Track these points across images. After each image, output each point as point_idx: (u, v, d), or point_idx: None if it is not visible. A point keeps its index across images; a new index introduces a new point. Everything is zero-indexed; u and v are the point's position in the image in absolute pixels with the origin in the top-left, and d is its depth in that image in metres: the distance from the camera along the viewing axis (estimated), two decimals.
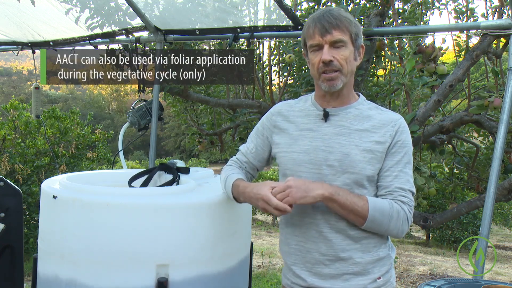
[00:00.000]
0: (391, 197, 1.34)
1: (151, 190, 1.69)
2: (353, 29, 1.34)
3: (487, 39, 2.52)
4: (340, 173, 1.35)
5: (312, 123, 1.42)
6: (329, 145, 1.37)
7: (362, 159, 1.34)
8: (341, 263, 1.37)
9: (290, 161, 1.42)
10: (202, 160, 22.39)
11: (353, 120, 1.39)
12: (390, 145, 1.36)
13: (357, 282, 1.37)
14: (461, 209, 3.03)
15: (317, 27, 1.32)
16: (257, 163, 1.57)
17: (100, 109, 36.55)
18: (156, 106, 3.28)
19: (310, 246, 1.40)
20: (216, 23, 3.02)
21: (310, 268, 1.40)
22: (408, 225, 1.35)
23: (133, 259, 1.39)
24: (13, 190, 1.88)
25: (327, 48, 1.32)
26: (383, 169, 1.36)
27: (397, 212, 1.31)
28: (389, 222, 1.31)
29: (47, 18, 3.18)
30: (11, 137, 5.04)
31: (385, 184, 1.36)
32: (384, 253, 1.41)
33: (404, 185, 1.35)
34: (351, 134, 1.37)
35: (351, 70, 1.38)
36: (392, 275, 1.45)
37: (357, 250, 1.37)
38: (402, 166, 1.36)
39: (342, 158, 1.34)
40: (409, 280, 5.04)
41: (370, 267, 1.38)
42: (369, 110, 1.41)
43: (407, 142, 1.38)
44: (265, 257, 5.78)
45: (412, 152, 1.41)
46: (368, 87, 3.17)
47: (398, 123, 1.38)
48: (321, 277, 1.39)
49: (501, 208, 9.36)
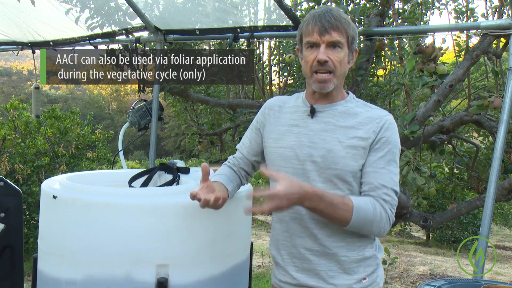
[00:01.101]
0: (374, 194, 1.33)
1: (151, 190, 1.69)
2: (351, 32, 1.35)
3: (487, 39, 2.52)
4: (323, 169, 1.35)
5: (299, 119, 1.43)
6: (313, 141, 1.37)
7: (345, 155, 1.33)
8: (325, 259, 1.38)
9: (276, 157, 1.43)
10: (202, 160, 22.37)
11: (339, 117, 1.39)
12: (374, 141, 1.34)
13: (343, 281, 1.37)
14: (461, 209, 3.03)
15: (316, 25, 1.32)
16: (252, 158, 1.56)
17: (100, 109, 36.54)
18: (156, 106, 3.28)
19: (297, 242, 1.41)
20: (216, 23, 3.02)
21: (297, 263, 1.42)
22: (390, 224, 1.34)
23: (133, 259, 1.39)
24: (13, 190, 1.88)
25: (324, 48, 1.32)
26: (366, 164, 1.35)
27: (380, 214, 1.31)
28: (372, 225, 1.31)
29: (47, 18, 3.18)
30: (11, 137, 5.04)
31: (367, 180, 1.35)
32: (369, 253, 1.41)
33: (387, 183, 1.33)
34: (335, 131, 1.37)
35: (343, 73, 1.38)
36: (379, 276, 1.44)
37: (342, 248, 1.37)
38: (385, 163, 1.34)
39: (325, 154, 1.35)
40: (409, 280, 5.04)
41: (355, 266, 1.38)
42: (357, 108, 1.41)
43: (392, 139, 1.36)
44: (265, 257, 5.78)
45: (398, 151, 1.38)
46: (368, 87, 3.17)
47: (384, 119, 1.36)
48: (307, 273, 1.40)
49: (501, 208, 9.36)
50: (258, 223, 9.86)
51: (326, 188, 1.35)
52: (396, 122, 1.48)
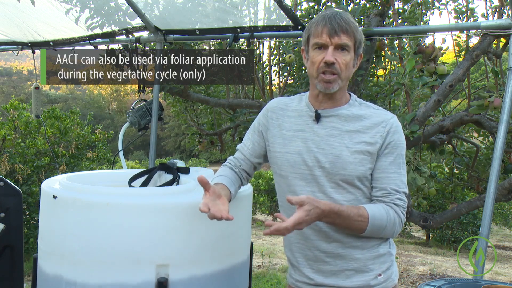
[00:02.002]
0: (388, 200, 1.36)
1: (151, 190, 1.69)
2: (358, 37, 1.36)
3: (487, 39, 2.52)
4: (332, 174, 1.36)
5: (304, 124, 1.43)
6: (320, 146, 1.38)
7: (353, 160, 1.35)
8: (341, 260, 1.39)
9: (284, 162, 1.44)
10: (202, 160, 22.40)
11: (344, 121, 1.39)
12: (382, 146, 1.36)
13: (359, 278, 1.39)
14: (461, 209, 3.03)
15: (326, 26, 1.32)
16: (254, 160, 1.56)
17: (100, 109, 36.54)
18: (156, 106, 3.28)
19: (311, 244, 1.42)
20: (216, 23, 3.02)
21: (312, 265, 1.43)
22: (402, 226, 1.38)
23: (133, 259, 1.39)
24: (13, 190, 1.88)
25: (332, 50, 1.33)
26: (377, 170, 1.37)
27: (394, 219, 1.35)
28: (385, 230, 1.36)
29: (47, 18, 3.18)
30: (11, 137, 5.04)
31: (380, 186, 1.37)
32: (384, 250, 1.43)
33: (398, 187, 1.37)
34: (342, 136, 1.38)
35: (348, 76, 1.39)
36: (394, 272, 1.46)
37: (357, 248, 1.39)
38: (396, 167, 1.37)
39: (334, 160, 1.36)
40: (409, 280, 5.04)
41: (370, 263, 1.40)
42: (360, 110, 1.41)
43: (400, 142, 1.39)
44: (265, 257, 5.78)
45: (405, 152, 1.41)
46: (368, 87, 3.17)
47: (389, 123, 1.38)
48: (324, 274, 1.41)
49: (501, 208, 9.36)
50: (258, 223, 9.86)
51: (336, 193, 1.37)
52: None
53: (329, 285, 1.41)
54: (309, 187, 1.39)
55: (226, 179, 1.48)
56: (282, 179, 1.46)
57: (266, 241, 7.44)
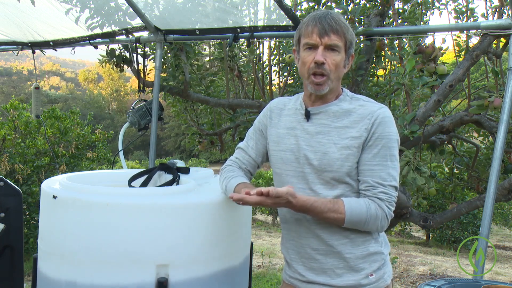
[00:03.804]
0: (370, 193, 1.34)
1: (151, 190, 1.68)
2: (349, 37, 1.36)
3: (487, 39, 2.52)
4: (320, 171, 1.38)
5: (296, 121, 1.45)
6: (310, 144, 1.40)
7: (340, 156, 1.35)
8: (331, 258, 1.41)
9: (278, 160, 1.47)
10: (202, 160, 22.42)
11: (333, 118, 1.40)
12: (367, 138, 1.35)
13: (350, 278, 1.40)
14: (461, 209, 3.03)
15: (316, 27, 1.33)
16: (258, 159, 1.59)
17: (100, 109, 36.54)
18: (156, 106, 3.28)
19: (303, 242, 1.45)
20: (216, 23, 3.02)
21: (305, 263, 1.45)
22: (388, 220, 1.36)
23: (133, 259, 1.39)
24: (13, 190, 1.88)
25: (322, 50, 1.33)
26: (361, 162, 1.36)
27: (375, 214, 1.33)
28: (367, 224, 1.35)
29: (47, 18, 3.18)
30: (11, 137, 5.04)
31: (363, 179, 1.36)
32: (374, 249, 1.42)
33: (383, 179, 1.34)
34: (330, 132, 1.38)
35: (338, 76, 1.39)
36: (386, 272, 1.45)
37: (346, 244, 1.39)
38: (381, 159, 1.34)
39: (321, 157, 1.37)
40: (409, 280, 5.04)
41: (361, 262, 1.40)
42: (350, 105, 1.40)
43: (385, 134, 1.34)
44: (265, 257, 5.78)
45: (395, 143, 1.37)
46: (368, 87, 3.17)
47: (375, 115, 1.35)
48: (315, 271, 1.43)
49: (501, 208, 9.37)
50: (258, 223, 9.86)
51: (325, 190, 1.38)
52: (396, 122, 1.48)
53: (320, 283, 1.42)
54: (300, 184, 1.41)
55: (245, 179, 1.51)
56: (277, 176, 1.50)
57: (266, 241, 7.45)
